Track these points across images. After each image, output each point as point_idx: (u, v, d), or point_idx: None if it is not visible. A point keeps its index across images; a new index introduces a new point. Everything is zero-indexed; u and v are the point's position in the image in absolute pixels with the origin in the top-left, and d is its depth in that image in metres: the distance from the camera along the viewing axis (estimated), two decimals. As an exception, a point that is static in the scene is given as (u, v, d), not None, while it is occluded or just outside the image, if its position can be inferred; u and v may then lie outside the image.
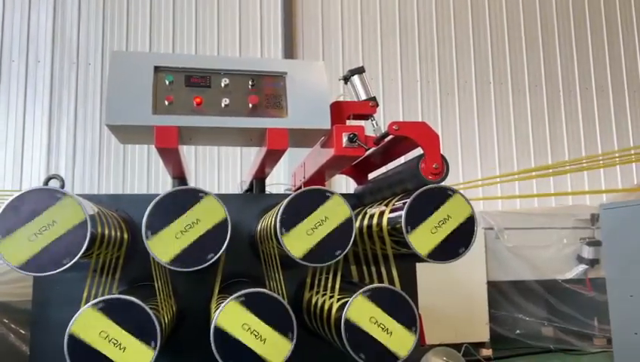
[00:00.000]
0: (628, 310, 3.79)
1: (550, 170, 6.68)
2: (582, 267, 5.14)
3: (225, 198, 1.89)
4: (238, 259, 2.41)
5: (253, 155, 2.89)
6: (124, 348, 1.63)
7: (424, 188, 1.86)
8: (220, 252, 1.81)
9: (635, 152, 6.93)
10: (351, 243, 1.86)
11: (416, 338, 1.84)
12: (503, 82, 6.94)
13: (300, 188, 2.63)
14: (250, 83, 2.26)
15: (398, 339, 1.81)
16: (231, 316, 1.76)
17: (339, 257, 1.84)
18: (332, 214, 1.86)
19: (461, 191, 1.92)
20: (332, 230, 1.85)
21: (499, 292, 5.15)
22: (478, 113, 6.80)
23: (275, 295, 1.84)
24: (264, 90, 2.28)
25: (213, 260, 1.80)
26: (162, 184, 6.08)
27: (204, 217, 1.82)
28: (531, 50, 7.05)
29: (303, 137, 2.33)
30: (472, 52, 6.91)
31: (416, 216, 1.83)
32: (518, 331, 5.17)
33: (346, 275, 2.23)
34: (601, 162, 6.71)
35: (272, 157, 2.40)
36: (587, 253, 5.14)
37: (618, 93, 7.15)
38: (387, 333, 1.81)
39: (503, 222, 5.16)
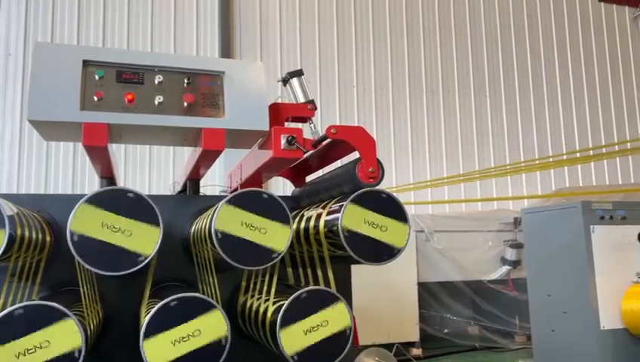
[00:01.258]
0: (546, 308, 4.04)
1: (477, 175, 7.00)
2: (505, 268, 5.42)
3: (156, 200, 1.82)
4: (170, 262, 2.33)
5: (187, 155, 2.81)
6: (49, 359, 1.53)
7: (360, 191, 1.89)
8: (152, 254, 1.74)
9: (553, 160, 7.41)
10: (287, 245, 1.85)
11: (350, 341, 1.86)
12: (434, 89, 7.19)
13: (236, 189, 2.59)
14: (185, 81, 2.20)
15: (334, 327, 1.83)
16: (162, 321, 1.70)
17: (275, 260, 1.83)
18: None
19: (394, 195, 1.97)
20: (267, 233, 1.83)
21: (428, 293, 5.32)
22: (410, 119, 7.01)
23: (209, 299, 1.79)
24: (200, 89, 2.22)
25: (144, 263, 1.73)
26: (89, 184, 5.79)
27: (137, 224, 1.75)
28: (461, 58, 7.35)
29: (240, 138, 2.29)
30: (405, 58, 7.11)
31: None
32: (446, 330, 5.37)
33: (282, 278, 2.22)
34: (523, 167, 7.13)
35: (207, 158, 2.34)
36: (510, 254, 5.43)
37: (539, 102, 7.62)
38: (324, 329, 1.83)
39: (433, 225, 5.35)
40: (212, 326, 1.73)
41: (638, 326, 3.54)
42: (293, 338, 1.79)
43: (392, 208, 1.93)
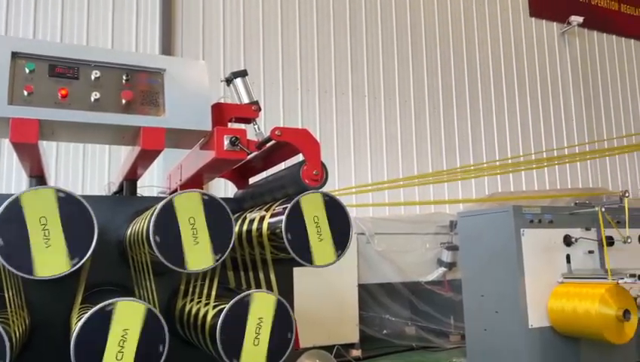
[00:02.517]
0: (479, 308, 4.21)
1: (416, 180, 7.20)
2: (441, 269, 5.60)
3: (90, 200, 1.74)
4: (105, 265, 2.23)
5: (124, 155, 2.71)
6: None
7: (304, 193, 1.89)
8: (86, 257, 1.66)
9: (487, 165, 7.74)
10: (229, 248, 1.82)
11: (291, 344, 1.85)
12: (376, 95, 7.33)
13: (175, 190, 2.52)
14: (124, 77, 2.12)
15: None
16: (95, 328, 1.62)
17: (217, 263, 1.79)
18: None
19: (337, 197, 1.99)
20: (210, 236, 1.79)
21: (368, 294, 5.41)
22: (353, 123, 7.10)
23: (145, 303, 1.73)
24: (139, 86, 2.15)
25: (77, 266, 1.65)
26: (16, 182, 5.45)
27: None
28: (402, 66, 7.54)
29: (180, 138, 2.23)
30: (349, 62, 7.20)
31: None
32: (385, 331, 5.48)
33: (223, 281, 2.18)
34: (458, 175, 7.40)
35: (145, 158, 2.27)
36: (446, 256, 5.62)
37: (474, 110, 7.94)
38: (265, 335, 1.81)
39: (373, 228, 5.44)
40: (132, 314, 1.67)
41: (563, 324, 3.75)
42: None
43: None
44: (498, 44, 8.30)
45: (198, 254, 1.75)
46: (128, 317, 1.65)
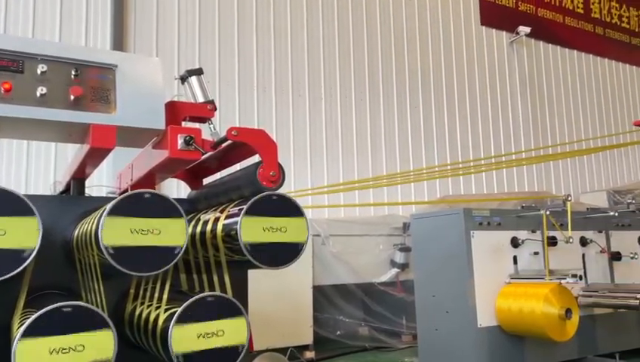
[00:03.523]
0: (430, 308, 4.30)
1: (370, 182, 7.28)
2: (394, 270, 5.68)
3: (35, 200, 1.66)
4: (49, 268, 2.14)
5: (72, 153, 2.60)
6: None
7: (261, 194, 1.87)
8: (29, 260, 1.59)
9: (439, 169, 7.93)
10: (187, 238, 1.78)
11: (246, 343, 1.83)
12: (333, 96, 7.37)
13: (126, 190, 2.45)
14: (73, 73, 2.04)
15: (230, 339, 1.79)
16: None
17: (169, 266, 1.75)
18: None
19: (286, 194, 1.98)
20: (161, 233, 1.75)
21: (323, 296, 5.42)
22: (309, 124, 7.11)
23: (93, 307, 1.67)
24: (89, 82, 2.07)
25: (18, 270, 1.57)
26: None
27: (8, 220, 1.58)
28: (358, 67, 7.61)
29: (132, 136, 2.17)
30: (305, 62, 7.20)
31: (252, 223, 1.83)
32: (338, 332, 5.50)
33: (175, 285, 2.13)
34: (411, 177, 7.55)
35: (95, 157, 2.19)
36: (399, 257, 5.70)
37: (427, 114, 8.11)
38: (219, 338, 1.78)
39: (329, 229, 5.47)
40: (98, 342, 1.61)
41: (509, 323, 3.88)
42: (184, 343, 1.72)
43: (286, 207, 1.94)
44: (451, 50, 8.52)
45: (150, 256, 1.70)
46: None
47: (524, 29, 9.11)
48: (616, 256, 4.58)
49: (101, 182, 4.89)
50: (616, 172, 10.23)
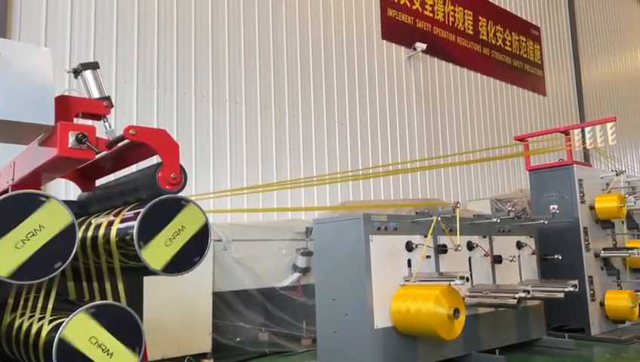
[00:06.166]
0: (330, 312, 4.38)
1: (274, 187, 7.29)
2: (296, 275, 5.72)
3: None
4: None
5: (-58, 147, 2.32)
6: None
7: (160, 198, 1.80)
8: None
9: (340, 176, 8.14)
10: (72, 255, 1.65)
11: (139, 359, 1.74)
12: (237, 100, 7.28)
13: (5, 191, 2.24)
14: (-55, 58, 1.82)
15: (118, 361, 1.69)
16: None
17: (56, 272, 1.62)
18: (47, 222, 1.62)
19: (195, 201, 1.93)
20: (48, 241, 1.61)
21: (223, 302, 5.31)
22: (213, 127, 6.96)
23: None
24: (-35, 70, 1.87)
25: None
26: None
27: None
28: (264, 73, 7.60)
29: (16, 132, 1.99)
30: (210, 63, 7.05)
31: (150, 227, 1.75)
32: (238, 338, 5.42)
33: (62, 293, 1.98)
34: (315, 181, 7.67)
35: (-30, 152, 1.97)
36: (301, 262, 5.76)
37: (330, 121, 8.30)
38: (107, 355, 1.67)
39: (231, 234, 5.38)
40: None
41: (403, 324, 4.07)
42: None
43: (175, 204, 1.88)
44: (353, 60, 8.81)
45: (34, 263, 1.56)
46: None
47: (420, 45, 9.66)
48: (497, 259, 5.00)
49: (-25, 181, 4.41)
50: (499, 182, 11.20)
